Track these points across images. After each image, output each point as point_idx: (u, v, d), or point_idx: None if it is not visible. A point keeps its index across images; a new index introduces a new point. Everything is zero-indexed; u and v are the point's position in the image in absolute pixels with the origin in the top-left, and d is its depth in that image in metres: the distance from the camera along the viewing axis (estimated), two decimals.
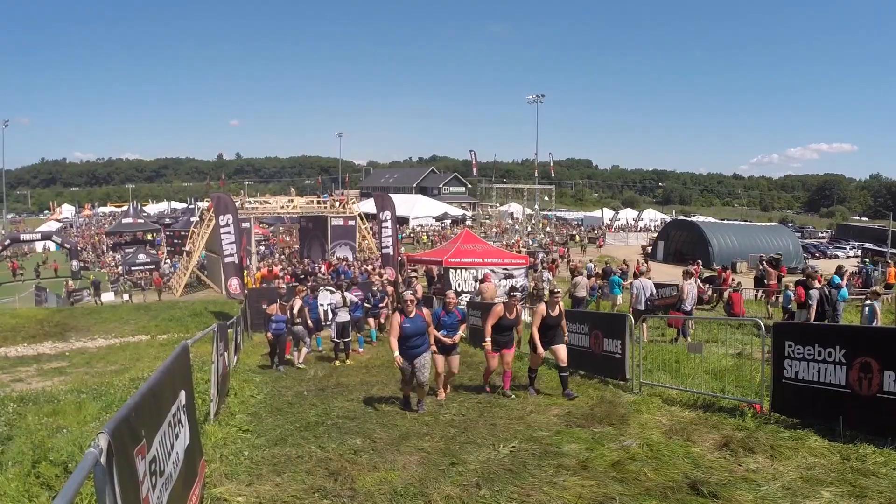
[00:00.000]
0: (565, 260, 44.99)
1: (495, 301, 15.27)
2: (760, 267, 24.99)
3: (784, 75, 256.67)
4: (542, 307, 10.15)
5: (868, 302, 14.79)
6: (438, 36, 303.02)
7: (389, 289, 18.35)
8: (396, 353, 8.86)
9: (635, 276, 21.79)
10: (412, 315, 8.98)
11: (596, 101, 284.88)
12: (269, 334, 13.68)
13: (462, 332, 10.30)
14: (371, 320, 17.08)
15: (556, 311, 10.10)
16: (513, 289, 11.13)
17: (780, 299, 19.42)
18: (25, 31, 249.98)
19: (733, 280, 25.32)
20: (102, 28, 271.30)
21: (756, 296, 23.45)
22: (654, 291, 16.80)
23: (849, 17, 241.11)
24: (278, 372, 13.07)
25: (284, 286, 15.50)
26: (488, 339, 10.03)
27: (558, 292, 10.49)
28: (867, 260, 40.64)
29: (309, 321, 14.45)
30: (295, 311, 13.94)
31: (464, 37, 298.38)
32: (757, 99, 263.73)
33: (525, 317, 13.74)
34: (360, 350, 15.62)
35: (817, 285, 14.36)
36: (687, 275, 16.67)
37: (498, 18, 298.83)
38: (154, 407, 3.93)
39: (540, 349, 10.00)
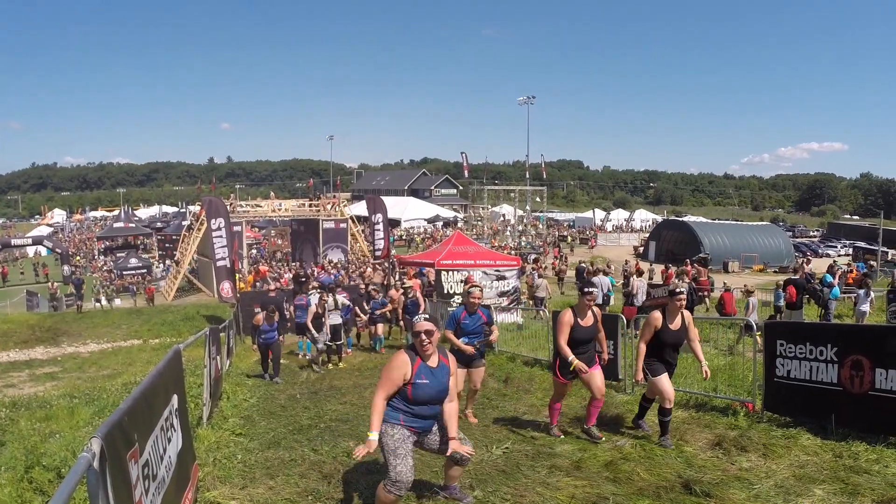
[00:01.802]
0: (559, 259, 45.07)
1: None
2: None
3: (775, 75, 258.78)
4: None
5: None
6: (429, 39, 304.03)
7: (394, 293, 17.53)
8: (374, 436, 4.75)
9: (638, 275, 22.02)
10: (433, 363, 4.92)
11: (587, 102, 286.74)
12: (255, 347, 13.68)
13: (495, 335, 8.60)
14: (380, 326, 16.36)
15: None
16: (588, 284, 7.86)
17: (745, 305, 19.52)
18: (15, 35, 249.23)
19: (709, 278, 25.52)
20: (92, 32, 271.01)
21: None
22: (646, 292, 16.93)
23: (839, 16, 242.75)
24: (276, 383, 12.44)
25: (275, 291, 15.39)
26: (571, 357, 7.18)
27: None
28: (867, 263, 40.67)
29: (310, 324, 14.24)
30: (313, 310, 13.92)
31: (454, 40, 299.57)
32: (748, 99, 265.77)
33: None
34: (349, 351, 15.59)
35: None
36: (682, 274, 16.79)
37: (488, 21, 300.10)
38: (147, 411, 3.93)
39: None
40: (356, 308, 16.04)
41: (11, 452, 7.46)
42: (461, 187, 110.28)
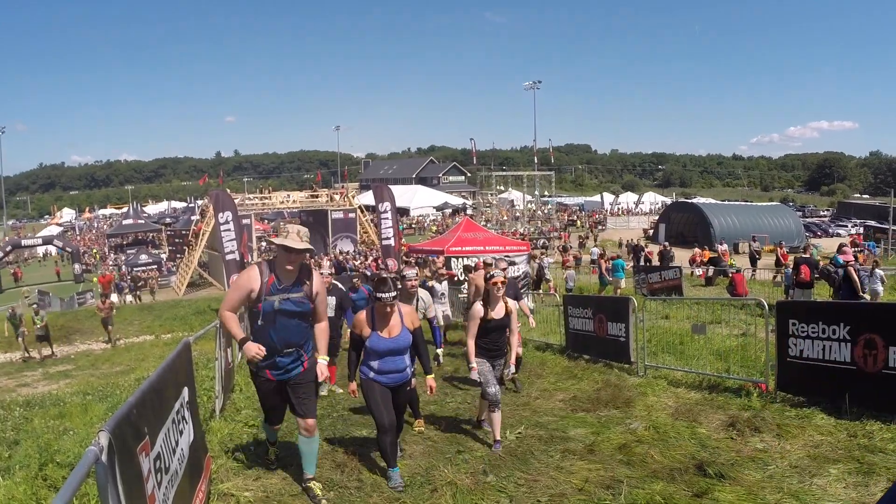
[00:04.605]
0: (568, 245, 44.96)
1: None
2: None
3: (783, 54, 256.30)
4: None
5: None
6: (434, 25, 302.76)
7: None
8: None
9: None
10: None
11: (593, 85, 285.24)
12: None
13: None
14: None
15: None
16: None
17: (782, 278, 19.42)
18: (19, 36, 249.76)
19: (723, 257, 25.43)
20: (95, 30, 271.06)
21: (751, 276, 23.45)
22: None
23: None
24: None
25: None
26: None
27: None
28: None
29: None
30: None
31: (459, 26, 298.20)
32: (756, 78, 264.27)
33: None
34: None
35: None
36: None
37: (493, 6, 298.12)
38: (157, 404, 3.92)
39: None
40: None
41: (25, 450, 7.51)
42: (469, 174, 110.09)
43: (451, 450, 6.51)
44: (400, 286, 8.97)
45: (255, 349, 4.81)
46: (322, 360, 5.33)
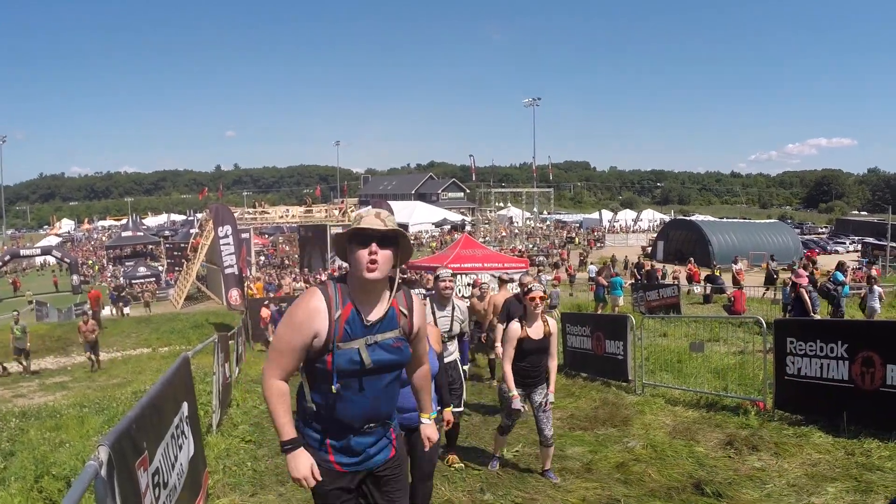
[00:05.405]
0: (559, 262, 45.00)
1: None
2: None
3: (781, 72, 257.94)
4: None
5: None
6: (434, 43, 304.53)
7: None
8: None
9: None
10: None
11: (593, 103, 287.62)
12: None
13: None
14: None
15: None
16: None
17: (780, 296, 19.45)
18: (22, 46, 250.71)
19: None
20: (96, 43, 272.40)
21: (763, 294, 23.40)
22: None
23: (844, 11, 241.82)
24: None
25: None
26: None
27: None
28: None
29: None
30: None
31: (458, 43, 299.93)
32: (754, 96, 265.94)
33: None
34: None
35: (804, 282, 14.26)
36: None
37: (493, 24, 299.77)
38: (156, 419, 3.93)
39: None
40: None
41: (21, 462, 7.48)
42: (468, 190, 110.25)
43: (448, 468, 6.50)
44: (432, 288, 8.21)
45: (309, 471, 2.82)
46: (426, 420, 3.45)
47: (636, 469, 6.16)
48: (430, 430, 3.43)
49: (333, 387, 2.80)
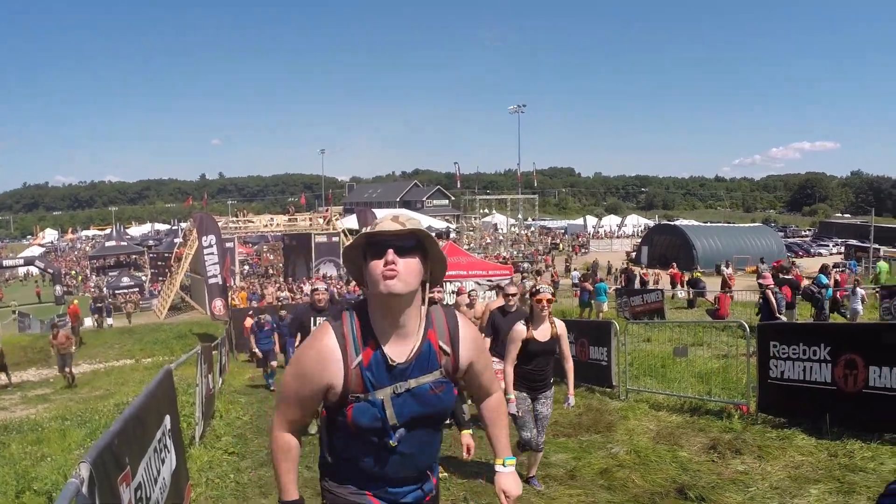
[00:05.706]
0: (542, 269, 45.04)
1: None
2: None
3: (765, 76, 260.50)
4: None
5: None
6: (419, 51, 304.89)
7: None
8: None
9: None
10: None
11: (577, 109, 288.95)
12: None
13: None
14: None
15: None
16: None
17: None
18: (5, 55, 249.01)
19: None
20: (81, 52, 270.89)
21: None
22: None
23: (828, 14, 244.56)
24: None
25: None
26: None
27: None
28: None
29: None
30: None
31: (443, 51, 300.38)
32: (738, 101, 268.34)
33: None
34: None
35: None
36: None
37: (479, 31, 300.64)
38: (139, 433, 3.90)
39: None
40: None
41: (2, 476, 7.40)
42: (453, 198, 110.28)
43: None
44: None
45: None
46: (503, 469, 2.59)
47: (620, 475, 6.18)
48: (508, 481, 2.56)
49: (344, 438, 2.34)
